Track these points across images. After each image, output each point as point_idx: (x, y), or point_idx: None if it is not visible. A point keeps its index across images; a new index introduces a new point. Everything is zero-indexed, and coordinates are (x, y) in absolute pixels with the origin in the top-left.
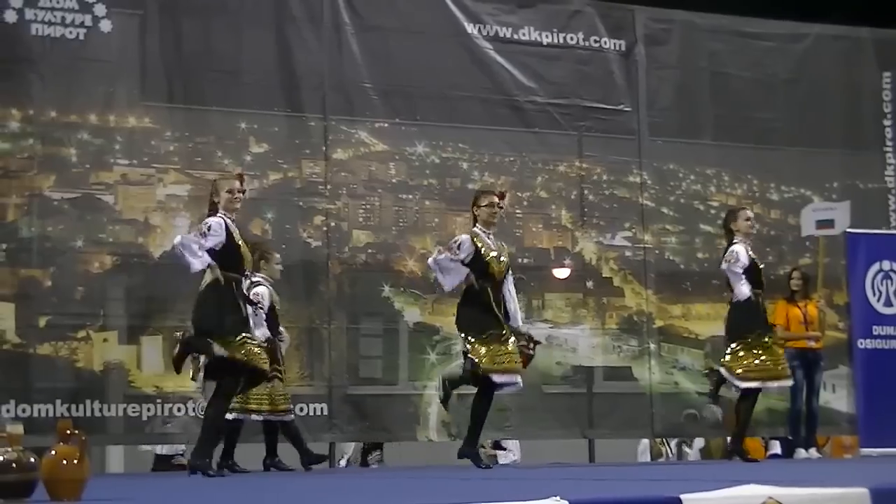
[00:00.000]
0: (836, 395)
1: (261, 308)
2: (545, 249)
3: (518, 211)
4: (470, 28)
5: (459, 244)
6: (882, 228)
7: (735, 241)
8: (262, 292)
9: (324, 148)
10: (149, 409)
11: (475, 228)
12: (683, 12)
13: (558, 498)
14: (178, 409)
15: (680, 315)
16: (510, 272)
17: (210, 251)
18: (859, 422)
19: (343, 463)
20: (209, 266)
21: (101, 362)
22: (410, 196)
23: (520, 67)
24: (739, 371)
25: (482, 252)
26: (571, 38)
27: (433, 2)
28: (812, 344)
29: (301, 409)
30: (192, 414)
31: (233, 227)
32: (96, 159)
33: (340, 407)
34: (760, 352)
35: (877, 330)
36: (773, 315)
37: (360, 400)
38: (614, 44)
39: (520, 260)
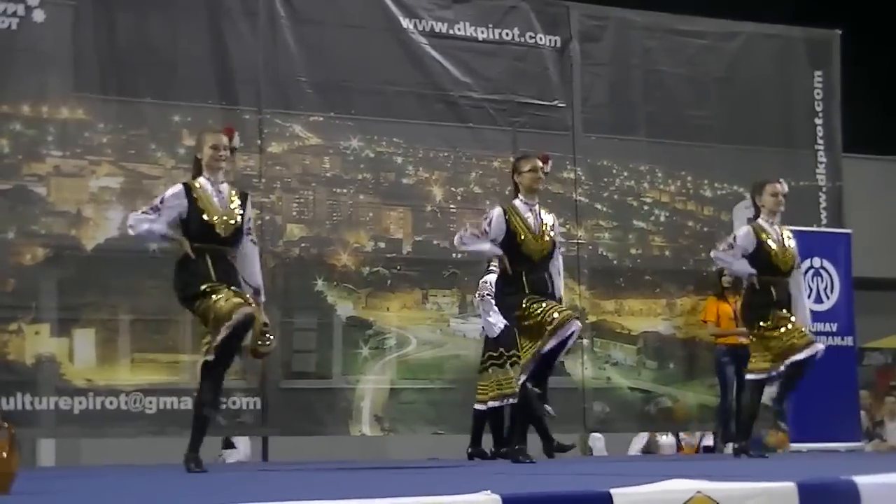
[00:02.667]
0: (767, 391)
1: (488, 296)
2: None
3: (452, 206)
4: (405, 23)
5: (490, 220)
6: (813, 226)
7: (757, 219)
8: (491, 279)
9: (258, 141)
10: (80, 403)
11: (515, 201)
12: (618, 9)
13: (489, 492)
14: (110, 403)
15: (613, 311)
16: (557, 248)
17: (184, 223)
18: (789, 417)
19: None
20: (171, 239)
21: (32, 355)
22: (344, 190)
23: (455, 63)
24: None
25: (515, 230)
26: (507, 34)
27: None
28: (742, 340)
29: (234, 403)
30: (125, 407)
31: (206, 191)
32: (28, 150)
33: (274, 401)
34: (757, 341)
35: None
36: (704, 311)
37: (293, 394)
38: (549, 40)
39: (454, 255)
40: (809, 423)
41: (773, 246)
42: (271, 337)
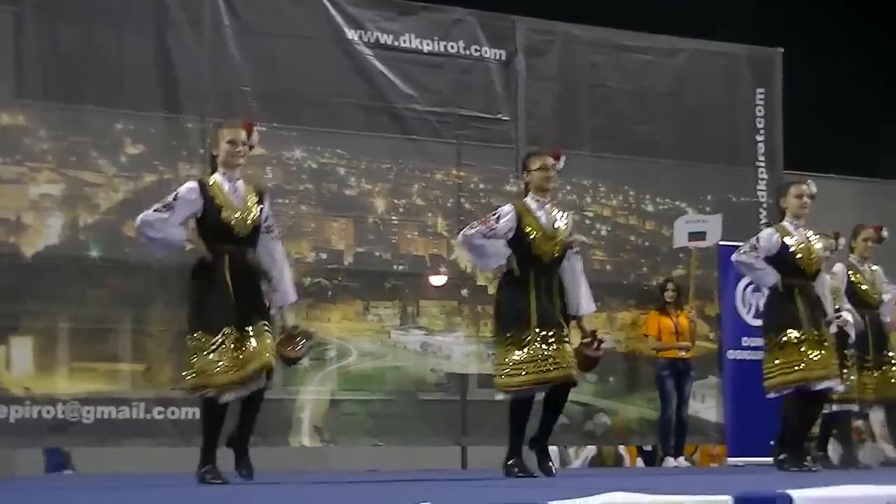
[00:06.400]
0: (706, 405)
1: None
2: (420, 257)
3: (394, 218)
4: (351, 34)
5: (499, 216)
6: None
7: (781, 222)
8: (838, 270)
9: (201, 151)
10: (16, 412)
11: (526, 199)
12: (564, 24)
13: (428, 503)
14: (48, 412)
15: None
16: (573, 249)
17: (199, 222)
18: (727, 431)
19: None
20: (188, 243)
21: None
22: (286, 201)
23: (400, 75)
24: (765, 374)
25: (525, 228)
26: (452, 47)
27: (314, 7)
28: (683, 354)
29: (173, 413)
30: (62, 416)
31: (222, 188)
32: None
33: None
34: (789, 351)
35: (746, 341)
36: (645, 325)
37: (232, 404)
38: (495, 53)
39: (395, 267)
40: (747, 438)
41: (798, 247)
42: (303, 342)
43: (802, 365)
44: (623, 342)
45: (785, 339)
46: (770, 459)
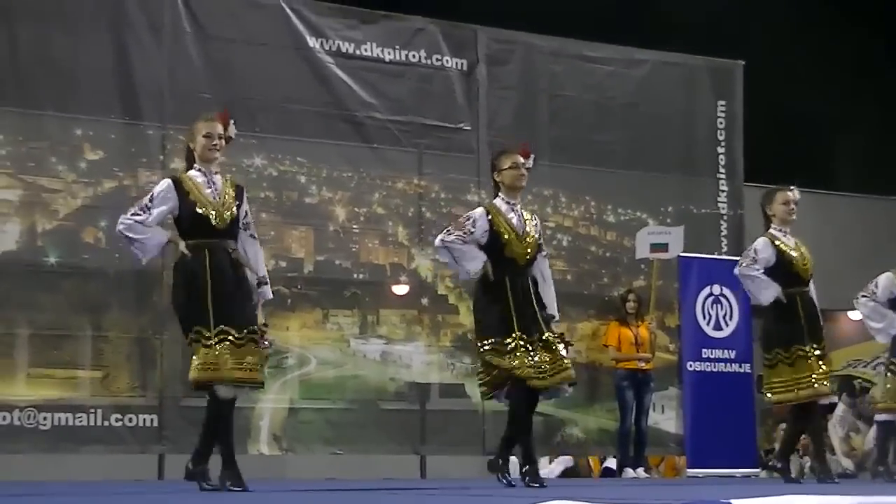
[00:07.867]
0: (665, 416)
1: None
2: (381, 265)
3: (355, 226)
4: (312, 42)
5: (473, 220)
6: (714, 253)
7: (769, 230)
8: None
9: (161, 157)
10: None
11: (496, 200)
12: (525, 34)
13: None
14: (4, 418)
15: None
16: (542, 251)
17: (177, 221)
18: (686, 443)
19: None
20: (169, 242)
21: None
22: None
23: (361, 83)
24: (772, 388)
25: (498, 231)
26: (413, 56)
27: (276, 14)
28: (643, 365)
29: (130, 420)
30: (18, 423)
31: (197, 183)
32: None
33: (172, 418)
34: (798, 367)
35: (706, 353)
36: (606, 336)
37: (191, 411)
38: (456, 62)
39: (355, 275)
40: (706, 449)
41: (793, 254)
42: (269, 340)
43: (813, 381)
44: (583, 353)
45: (794, 355)
46: (731, 471)
